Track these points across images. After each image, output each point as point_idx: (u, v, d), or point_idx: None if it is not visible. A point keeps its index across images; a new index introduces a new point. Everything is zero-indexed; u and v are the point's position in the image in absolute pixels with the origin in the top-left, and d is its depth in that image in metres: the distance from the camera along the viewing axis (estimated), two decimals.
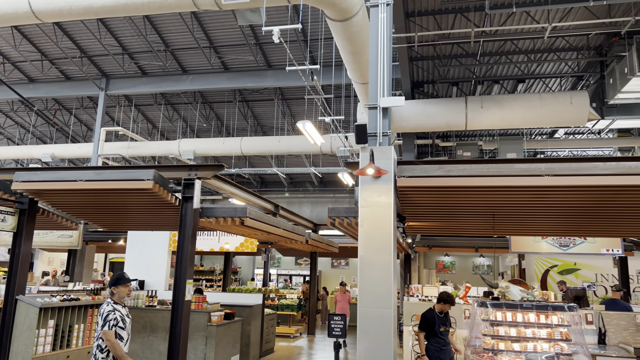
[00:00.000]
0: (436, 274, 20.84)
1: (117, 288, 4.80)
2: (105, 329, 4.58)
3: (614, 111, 11.04)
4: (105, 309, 4.67)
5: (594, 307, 8.06)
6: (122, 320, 4.71)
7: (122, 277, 4.87)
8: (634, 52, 8.82)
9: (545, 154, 17.32)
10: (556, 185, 5.25)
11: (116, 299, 4.80)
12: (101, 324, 4.61)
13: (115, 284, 4.81)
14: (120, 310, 4.75)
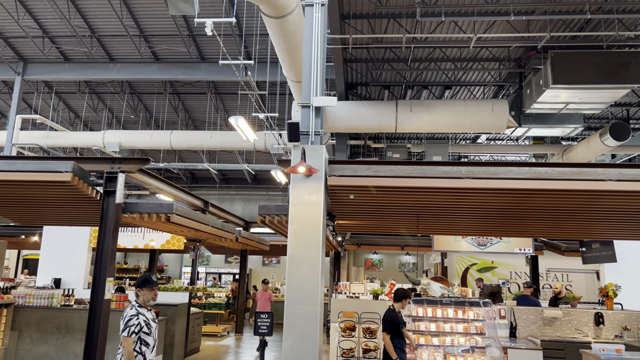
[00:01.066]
0: (365, 272, 21.35)
1: (141, 290, 4.54)
2: (124, 334, 4.28)
3: (530, 120, 11.85)
4: (128, 312, 4.39)
5: (507, 303, 8.63)
6: (147, 325, 4.43)
7: (149, 280, 4.58)
8: (548, 65, 9.52)
9: (468, 157, 18.27)
10: (475, 188, 5.56)
11: (141, 301, 4.54)
12: (122, 327, 4.32)
13: (141, 286, 4.55)
14: (145, 315, 4.47)
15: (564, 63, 9.48)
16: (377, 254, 21.85)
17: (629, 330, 7.82)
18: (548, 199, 5.85)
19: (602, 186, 5.37)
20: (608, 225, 7.02)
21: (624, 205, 5.87)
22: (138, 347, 4.34)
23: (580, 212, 6.38)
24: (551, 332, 8.02)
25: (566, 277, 14.04)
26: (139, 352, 4.34)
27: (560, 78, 9.44)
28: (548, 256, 12.36)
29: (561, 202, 5.97)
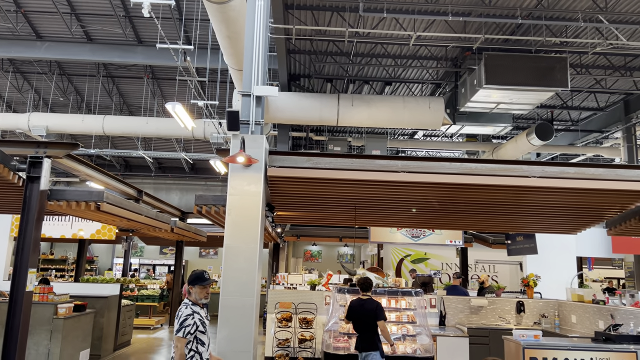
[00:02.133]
0: (304, 263, 21.49)
1: (193, 288, 4.29)
2: (178, 335, 4.08)
3: (464, 118, 12.36)
4: (184, 312, 4.16)
5: (438, 293, 8.99)
6: (202, 324, 4.22)
7: (201, 277, 4.32)
8: (482, 66, 9.95)
9: (406, 152, 18.78)
10: (410, 181, 5.73)
11: (192, 299, 4.30)
12: (177, 327, 4.11)
13: (193, 283, 4.29)
14: (200, 313, 4.25)
15: (497, 65, 9.95)
16: (317, 246, 22.05)
17: (546, 317, 8.40)
18: (477, 194, 6.14)
19: (527, 182, 5.70)
20: (531, 219, 7.49)
21: (545, 201, 6.28)
22: (195, 346, 4.18)
23: (506, 207, 6.75)
24: (477, 320, 8.46)
25: (493, 268, 14.84)
26: (195, 351, 4.18)
27: (493, 79, 9.90)
28: (477, 248, 13.00)
29: (489, 197, 6.28)
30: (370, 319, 5.80)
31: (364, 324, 5.84)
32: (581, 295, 8.05)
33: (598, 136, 15.23)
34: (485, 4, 9.18)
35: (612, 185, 5.67)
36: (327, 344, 6.37)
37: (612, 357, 5.59)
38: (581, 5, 9.22)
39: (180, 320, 4.12)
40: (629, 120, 13.75)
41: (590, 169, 5.75)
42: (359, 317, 5.88)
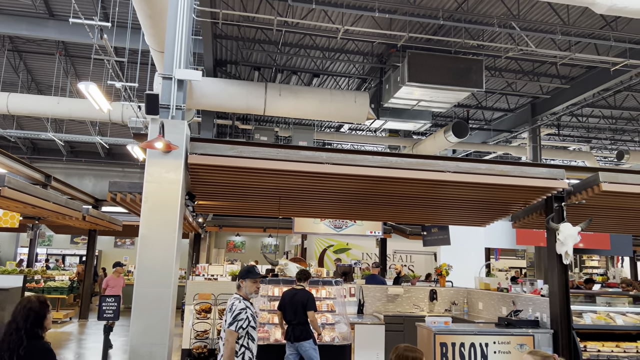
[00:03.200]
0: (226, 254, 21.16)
1: (244, 282, 4.26)
2: (231, 329, 4.01)
3: (387, 113, 12.73)
4: (237, 305, 4.10)
5: (357, 282, 9.24)
6: (253, 319, 4.15)
7: (252, 271, 4.33)
8: (405, 64, 10.28)
9: (332, 145, 19.05)
10: (334, 173, 5.80)
11: (243, 294, 4.26)
12: (229, 321, 4.04)
13: (244, 277, 4.28)
14: (251, 308, 4.19)
15: (419, 63, 10.33)
16: (240, 236, 21.80)
17: (456, 305, 8.93)
18: (397, 186, 6.35)
19: (442, 177, 5.98)
20: (445, 211, 7.88)
21: (459, 194, 6.62)
22: (246, 342, 4.09)
23: (423, 199, 7.04)
24: (393, 308, 8.81)
25: (409, 258, 15.51)
26: (246, 347, 4.08)
27: (415, 77, 10.27)
28: (395, 239, 13.51)
29: (408, 190, 6.52)
30: (302, 309, 5.88)
31: (296, 314, 5.88)
32: (487, 284, 8.63)
33: (508, 135, 16.35)
34: (410, 3, 9.48)
35: (518, 181, 6.10)
36: None
37: (512, 340, 6.06)
38: (497, 11, 9.79)
39: (234, 314, 4.03)
40: (535, 122, 14.89)
41: (499, 165, 6.15)
42: (290, 307, 5.92)
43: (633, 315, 7.01)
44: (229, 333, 4.03)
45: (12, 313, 3.15)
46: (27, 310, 3.14)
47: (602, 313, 6.89)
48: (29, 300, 3.20)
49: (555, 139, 17.95)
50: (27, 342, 3.04)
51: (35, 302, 3.18)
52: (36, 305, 3.17)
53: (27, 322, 3.09)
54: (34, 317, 3.12)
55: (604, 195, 6.14)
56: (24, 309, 3.14)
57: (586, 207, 6.65)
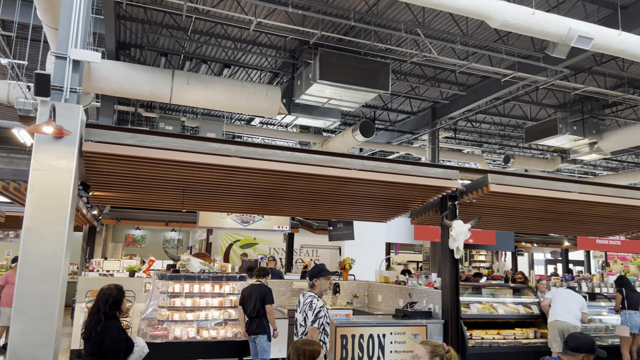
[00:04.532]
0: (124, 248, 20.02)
1: (318, 280, 4.52)
2: (314, 326, 4.23)
3: (298, 109, 12.82)
4: (317, 303, 4.33)
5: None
6: (327, 316, 4.36)
7: (324, 269, 4.63)
8: (317, 62, 10.41)
9: (242, 138, 18.77)
10: (242, 167, 5.71)
11: (317, 291, 4.49)
12: (312, 318, 4.25)
13: (318, 276, 4.53)
14: (325, 305, 4.41)
15: (330, 62, 10.52)
16: (140, 230, 20.74)
17: (357, 298, 9.25)
18: (305, 182, 6.42)
19: (349, 174, 6.14)
20: (351, 207, 8.11)
21: (363, 191, 6.85)
22: (322, 337, 4.28)
23: (330, 195, 7.19)
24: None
25: (316, 252, 15.79)
26: (323, 342, 4.25)
27: (326, 75, 10.45)
28: (302, 234, 13.68)
29: (316, 186, 6.61)
30: (261, 302, 6.24)
31: (254, 309, 6.22)
32: (386, 277, 9.05)
33: (410, 137, 17.24)
34: (323, 1, 9.60)
35: (417, 180, 6.44)
36: (143, 332, 6.03)
37: (407, 330, 6.41)
38: (404, 17, 10.25)
39: (316, 312, 4.24)
40: (435, 125, 15.85)
41: (401, 165, 6.45)
42: (249, 301, 6.28)
43: (512, 305, 7.74)
44: (312, 330, 4.23)
45: (96, 298, 3.85)
46: (107, 295, 3.85)
47: (487, 304, 7.54)
48: (109, 287, 3.92)
49: (452, 142, 19.24)
50: (105, 320, 3.72)
51: (114, 289, 3.90)
52: (114, 291, 3.90)
53: (106, 305, 3.80)
54: (112, 301, 3.83)
55: (492, 195, 6.68)
56: (104, 295, 3.86)
57: (476, 206, 7.21)
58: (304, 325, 4.30)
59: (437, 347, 2.88)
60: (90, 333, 3.76)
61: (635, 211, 7.62)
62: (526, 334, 7.36)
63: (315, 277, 4.54)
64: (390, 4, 9.79)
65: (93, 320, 3.78)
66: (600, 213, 7.81)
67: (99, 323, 3.74)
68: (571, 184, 7.07)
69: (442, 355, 2.84)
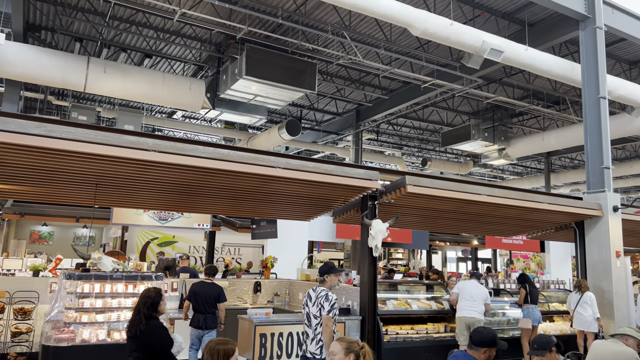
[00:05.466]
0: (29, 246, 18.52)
1: (329, 276, 4.94)
2: (330, 315, 4.66)
3: (223, 104, 12.57)
4: (332, 296, 4.76)
5: (181, 276, 8.94)
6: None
7: (334, 267, 5.08)
8: (244, 57, 10.28)
9: (163, 131, 18.08)
10: (161, 162, 5.50)
11: (328, 286, 4.91)
12: (327, 309, 4.66)
13: (329, 273, 4.95)
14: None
15: (257, 58, 10.43)
16: (48, 226, 19.28)
17: (278, 296, 9.25)
18: (228, 179, 6.31)
19: (273, 172, 6.12)
20: (274, 206, 8.10)
21: (287, 190, 6.87)
22: (334, 327, 4.71)
23: (254, 193, 7.13)
24: None
25: (238, 250, 15.58)
26: (334, 331, 4.69)
27: (253, 71, 10.34)
28: (224, 232, 13.43)
29: (239, 183, 6.53)
30: (213, 300, 6.66)
31: (206, 306, 6.62)
32: (308, 275, 9.14)
33: (335, 137, 17.54)
34: None
35: (340, 180, 6.56)
36: (47, 336, 5.61)
37: None
38: (331, 19, 10.40)
39: (332, 303, 4.69)
40: (358, 127, 16.25)
41: (324, 165, 6.54)
42: (202, 299, 6.65)
43: (425, 301, 8.14)
44: (328, 319, 4.66)
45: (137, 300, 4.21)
46: (146, 298, 4.19)
47: (402, 300, 7.85)
48: (148, 290, 4.27)
49: (374, 143, 19.84)
50: (145, 321, 4.06)
51: (152, 292, 4.24)
52: (152, 293, 4.23)
53: (144, 307, 4.14)
54: (150, 303, 4.17)
55: (409, 196, 6.96)
56: (144, 297, 4.20)
57: (395, 206, 7.48)
58: (319, 316, 4.73)
59: (352, 344, 2.96)
60: (135, 332, 4.11)
61: (535, 213, 8.31)
62: (437, 329, 7.77)
63: (327, 273, 5.02)
64: (318, 4, 9.89)
65: (135, 320, 4.15)
66: (506, 214, 8.43)
67: (141, 323, 4.10)
68: (481, 187, 7.56)
69: (356, 351, 2.92)
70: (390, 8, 7.82)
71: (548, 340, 3.82)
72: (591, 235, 8.52)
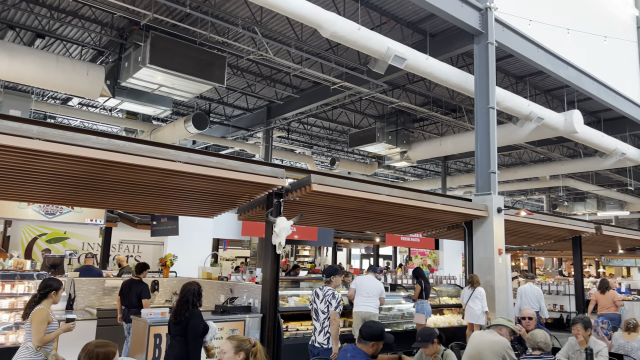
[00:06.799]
0: None
1: (335, 277, 5.89)
2: (337, 311, 5.52)
3: (124, 93, 11.88)
4: (337, 294, 5.61)
5: (69, 274, 8.33)
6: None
7: (339, 269, 6.27)
8: (148, 45, 9.79)
9: (56, 119, 16.67)
10: (47, 151, 5.07)
11: (333, 285, 5.82)
12: (335, 305, 5.52)
13: (334, 274, 5.93)
14: None
15: (163, 47, 9.99)
16: None
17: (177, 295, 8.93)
18: (125, 173, 5.98)
19: (173, 166, 5.89)
20: (176, 202, 7.82)
21: (189, 185, 6.66)
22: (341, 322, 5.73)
23: (154, 188, 6.82)
24: (110, 301, 8.25)
25: (137, 248, 14.83)
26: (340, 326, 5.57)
27: (157, 60, 9.89)
28: (122, 228, 12.71)
29: (138, 177, 6.21)
30: (137, 297, 7.11)
31: (131, 301, 7.09)
32: (210, 273, 8.94)
33: (245, 133, 17.33)
34: None
35: (245, 177, 6.49)
36: None
37: (225, 326, 6.41)
38: (242, 13, 10.25)
39: (338, 300, 5.48)
40: (269, 124, 16.20)
41: (229, 160, 6.42)
42: (128, 295, 7.17)
43: None
44: (336, 314, 5.49)
45: (182, 291, 4.80)
46: (193, 290, 4.79)
47: (304, 297, 7.96)
48: (191, 283, 4.87)
49: (285, 141, 19.90)
50: (191, 309, 4.66)
51: (196, 285, 4.85)
52: (197, 286, 4.85)
53: (193, 297, 4.74)
54: (197, 294, 4.80)
55: (314, 194, 7.07)
56: (192, 289, 4.78)
57: (301, 204, 7.56)
58: (327, 312, 5.54)
59: (243, 342, 2.93)
60: (180, 318, 4.65)
61: (431, 213, 8.84)
62: None
63: (332, 274, 5.91)
64: None
65: (183, 309, 4.68)
66: (405, 213, 8.88)
67: (187, 310, 4.66)
68: (382, 187, 7.89)
69: (247, 350, 2.90)
70: (300, 7, 7.88)
71: (431, 332, 4.09)
72: (478, 234, 9.25)
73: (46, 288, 4.64)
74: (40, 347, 4.34)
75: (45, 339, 4.40)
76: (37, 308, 4.49)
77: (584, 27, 12.48)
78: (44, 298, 4.60)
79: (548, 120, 11.99)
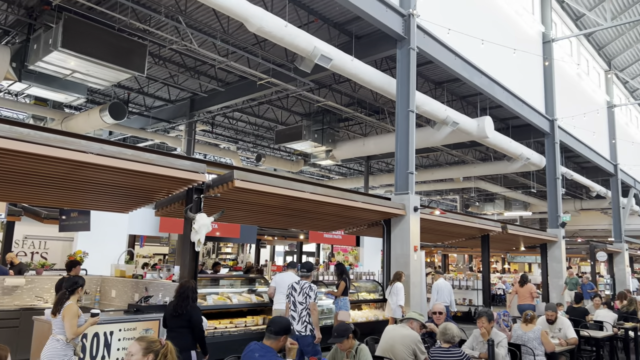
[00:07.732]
0: None
1: (311, 272, 6.67)
2: (317, 302, 6.33)
3: (33, 77, 11.01)
4: (315, 287, 6.39)
5: None
6: None
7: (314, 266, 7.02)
8: (60, 27, 9.14)
9: None
10: None
11: (310, 280, 6.55)
12: (313, 297, 6.26)
13: (311, 270, 6.72)
14: None
15: (77, 30, 9.38)
16: None
17: (88, 294, 8.43)
18: (30, 163, 5.56)
19: (84, 157, 5.55)
20: (87, 195, 7.37)
21: (102, 179, 6.31)
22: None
23: (63, 181, 6.39)
24: (10, 301, 7.63)
25: (44, 244, 13.80)
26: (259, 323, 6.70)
27: (71, 44, 9.27)
28: (27, 222, 11.78)
29: (45, 168, 5.80)
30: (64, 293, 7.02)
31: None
32: (123, 271, 8.53)
33: (166, 125, 16.70)
34: None
35: (163, 171, 6.25)
36: None
37: (138, 326, 6.15)
38: (166, 1, 9.87)
39: (316, 293, 6.35)
40: (192, 117, 15.75)
41: (146, 153, 6.16)
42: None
43: (246, 294, 8.25)
44: (314, 305, 6.21)
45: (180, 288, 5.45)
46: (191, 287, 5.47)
47: (223, 294, 7.84)
48: (186, 281, 5.61)
49: (209, 135, 19.44)
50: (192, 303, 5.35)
51: (190, 282, 5.58)
52: (191, 283, 5.55)
53: (193, 293, 5.43)
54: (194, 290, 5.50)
55: (237, 190, 6.97)
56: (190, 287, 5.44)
57: (224, 200, 7.42)
58: (305, 303, 6.20)
59: (152, 343, 2.82)
60: (182, 311, 5.15)
61: (353, 210, 9.05)
62: (256, 321, 7.94)
63: (310, 270, 6.64)
64: None
65: (184, 303, 5.20)
66: (328, 211, 9.01)
67: (188, 305, 5.21)
68: (306, 185, 7.95)
69: (156, 351, 2.79)
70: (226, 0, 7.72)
71: (346, 328, 4.21)
72: (396, 232, 9.61)
73: (74, 285, 5.09)
74: (72, 340, 4.80)
75: (78, 331, 4.89)
76: (67, 304, 4.91)
77: (497, 39, 13.35)
78: (72, 294, 5.04)
79: (463, 125, 12.71)
